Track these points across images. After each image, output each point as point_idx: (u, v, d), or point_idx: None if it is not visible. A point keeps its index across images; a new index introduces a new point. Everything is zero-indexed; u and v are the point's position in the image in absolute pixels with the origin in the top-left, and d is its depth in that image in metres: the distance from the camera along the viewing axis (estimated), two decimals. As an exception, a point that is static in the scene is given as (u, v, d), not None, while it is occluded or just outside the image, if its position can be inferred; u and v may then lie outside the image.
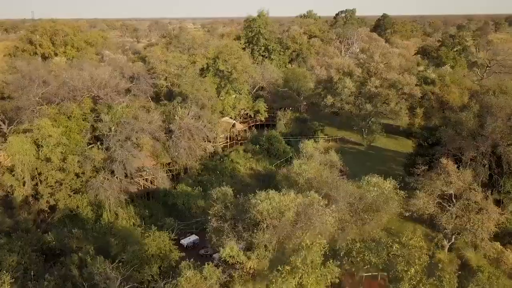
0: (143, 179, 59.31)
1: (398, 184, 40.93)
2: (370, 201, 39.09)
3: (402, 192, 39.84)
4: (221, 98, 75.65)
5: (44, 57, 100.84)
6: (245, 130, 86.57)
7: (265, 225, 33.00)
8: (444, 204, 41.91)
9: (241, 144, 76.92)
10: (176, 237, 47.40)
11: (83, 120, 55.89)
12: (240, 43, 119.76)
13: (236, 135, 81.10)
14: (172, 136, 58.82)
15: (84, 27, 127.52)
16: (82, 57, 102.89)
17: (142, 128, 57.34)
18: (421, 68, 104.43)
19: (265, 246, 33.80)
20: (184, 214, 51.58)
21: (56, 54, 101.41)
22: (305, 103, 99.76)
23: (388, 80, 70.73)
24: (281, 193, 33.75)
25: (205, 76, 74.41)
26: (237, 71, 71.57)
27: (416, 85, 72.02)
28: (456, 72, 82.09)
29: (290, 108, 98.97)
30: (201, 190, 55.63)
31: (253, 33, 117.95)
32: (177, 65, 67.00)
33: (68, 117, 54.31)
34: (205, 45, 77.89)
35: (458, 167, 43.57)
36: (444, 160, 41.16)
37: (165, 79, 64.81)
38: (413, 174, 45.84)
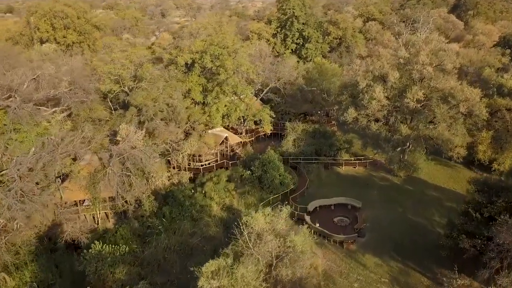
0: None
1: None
2: None
3: None
4: (212, 103, 57.76)
5: (43, 42, 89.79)
6: (250, 141, 68.60)
7: None
8: None
9: (233, 164, 59.06)
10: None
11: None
12: (271, 28, 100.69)
13: (231, 151, 63.21)
14: (110, 163, 42.82)
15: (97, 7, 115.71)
16: (83, 42, 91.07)
17: (73, 150, 42.35)
18: (506, 59, 78.32)
19: None
20: None
21: (55, 39, 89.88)
22: (336, 108, 78.55)
23: (438, 91, 47.99)
24: None
25: (191, 75, 56.86)
26: (226, 70, 53.02)
27: (483, 97, 48.37)
28: (550, 79, 56.42)
29: (319, 112, 78.75)
30: (137, 248, 39.37)
31: (286, 16, 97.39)
32: (134, 64, 50.19)
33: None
34: (194, 34, 60.12)
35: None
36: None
37: (117, 82, 48.45)
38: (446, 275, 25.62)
